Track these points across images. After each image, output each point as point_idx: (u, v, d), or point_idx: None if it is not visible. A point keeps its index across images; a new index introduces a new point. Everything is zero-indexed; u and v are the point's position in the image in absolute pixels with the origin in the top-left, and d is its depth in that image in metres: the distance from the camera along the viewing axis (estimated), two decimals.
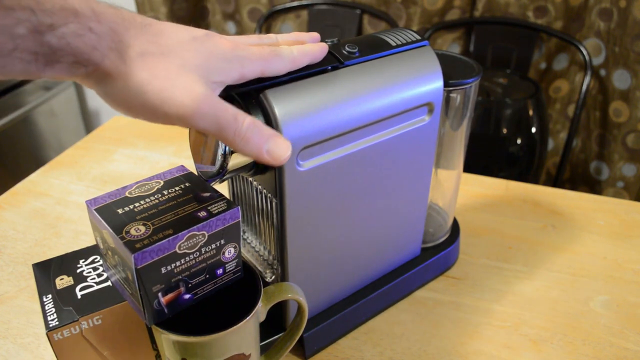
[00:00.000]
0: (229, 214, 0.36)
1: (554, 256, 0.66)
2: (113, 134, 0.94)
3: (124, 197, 0.37)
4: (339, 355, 0.52)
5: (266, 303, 0.41)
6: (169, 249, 0.34)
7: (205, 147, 0.40)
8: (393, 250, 0.56)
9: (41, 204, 0.75)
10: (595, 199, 0.77)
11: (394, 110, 0.45)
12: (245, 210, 0.50)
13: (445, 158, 0.58)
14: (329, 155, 0.43)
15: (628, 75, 1.33)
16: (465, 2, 1.44)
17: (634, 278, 0.62)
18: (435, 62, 0.47)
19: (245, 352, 0.40)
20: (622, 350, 0.53)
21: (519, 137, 1.33)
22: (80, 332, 0.39)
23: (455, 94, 0.53)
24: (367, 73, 0.43)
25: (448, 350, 0.53)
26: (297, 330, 0.46)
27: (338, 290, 0.53)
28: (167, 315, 0.36)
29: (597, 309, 0.58)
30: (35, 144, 1.77)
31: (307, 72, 0.40)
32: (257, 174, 0.43)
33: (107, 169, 0.83)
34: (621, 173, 1.44)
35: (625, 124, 1.38)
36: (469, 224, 0.71)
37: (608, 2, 1.31)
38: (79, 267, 0.44)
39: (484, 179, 0.80)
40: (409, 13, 1.47)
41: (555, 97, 1.50)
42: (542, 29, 1.38)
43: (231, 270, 0.39)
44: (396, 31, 0.48)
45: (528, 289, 0.61)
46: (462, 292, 0.60)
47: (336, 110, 0.41)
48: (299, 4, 1.55)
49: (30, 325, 0.55)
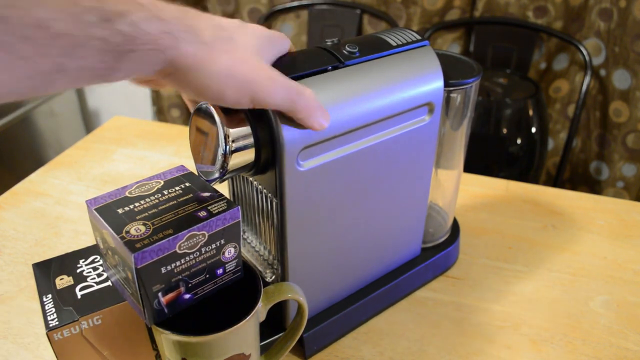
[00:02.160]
0: (229, 214, 0.36)
1: (554, 256, 0.66)
2: (113, 134, 0.94)
3: (124, 197, 0.37)
4: (339, 355, 0.52)
5: (266, 303, 0.41)
6: (169, 249, 0.34)
7: (205, 147, 0.40)
8: (393, 250, 0.56)
9: (41, 203, 0.75)
10: (595, 199, 0.77)
11: (394, 110, 0.45)
12: (245, 210, 0.50)
13: (445, 158, 0.58)
14: (329, 155, 0.43)
15: (628, 75, 1.33)
16: (465, 2, 1.44)
17: (634, 278, 0.62)
18: (436, 62, 0.47)
19: (245, 352, 0.40)
20: (622, 350, 0.53)
21: (519, 137, 1.33)
22: (80, 332, 0.39)
23: (456, 94, 0.53)
24: (368, 73, 0.43)
25: (448, 350, 0.53)
26: (297, 330, 0.46)
27: (338, 290, 0.53)
28: (167, 315, 0.36)
29: (597, 309, 0.58)
30: (35, 144, 1.77)
31: (307, 72, 0.40)
32: (257, 173, 0.43)
33: (107, 169, 0.83)
34: (621, 173, 1.44)
35: (625, 124, 1.38)
36: (469, 224, 0.71)
37: (608, 2, 1.31)
38: (79, 267, 0.44)
39: (484, 179, 0.80)
40: (409, 13, 1.47)
41: (555, 97, 1.50)
42: (542, 29, 1.38)
43: (231, 270, 0.39)
44: (396, 31, 0.48)
45: (528, 289, 0.61)
46: (462, 292, 0.60)
47: (336, 110, 0.41)
48: (299, 4, 1.55)
49: (30, 325, 0.55)
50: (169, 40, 0.30)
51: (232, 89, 0.33)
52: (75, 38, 0.26)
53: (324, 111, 0.38)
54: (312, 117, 0.37)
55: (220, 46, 0.32)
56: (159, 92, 1.79)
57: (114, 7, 0.27)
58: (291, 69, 0.39)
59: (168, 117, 1.83)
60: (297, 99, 0.36)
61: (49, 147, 1.83)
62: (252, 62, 0.34)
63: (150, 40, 0.29)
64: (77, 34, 0.26)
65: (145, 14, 0.29)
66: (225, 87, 0.33)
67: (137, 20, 0.28)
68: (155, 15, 0.29)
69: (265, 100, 0.34)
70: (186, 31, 0.31)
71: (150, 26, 0.29)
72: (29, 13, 0.24)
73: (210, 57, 0.32)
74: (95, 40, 0.27)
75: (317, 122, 0.37)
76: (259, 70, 0.34)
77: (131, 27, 0.28)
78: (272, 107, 0.36)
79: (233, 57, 0.33)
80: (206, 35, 0.32)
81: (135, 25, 0.28)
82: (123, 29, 0.28)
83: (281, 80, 0.35)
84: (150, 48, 0.29)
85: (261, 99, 0.34)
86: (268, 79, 0.34)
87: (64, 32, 0.25)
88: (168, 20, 0.30)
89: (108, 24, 0.27)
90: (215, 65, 0.32)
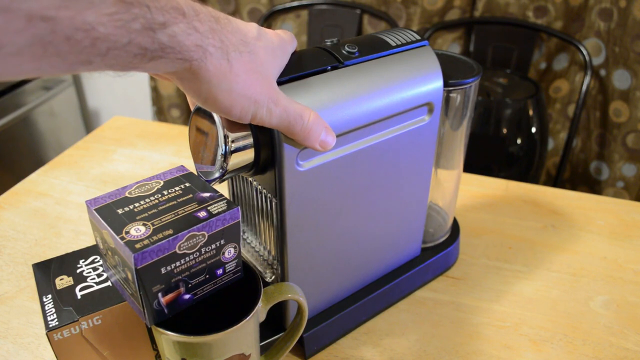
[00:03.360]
0: (229, 214, 0.36)
1: (554, 256, 0.66)
2: (113, 134, 0.94)
3: (124, 197, 0.37)
4: (339, 355, 0.52)
5: (266, 303, 0.41)
6: (169, 249, 0.34)
7: (205, 147, 0.40)
8: (393, 250, 0.56)
9: (41, 204, 0.75)
10: (595, 199, 0.77)
11: (393, 110, 0.45)
12: (245, 210, 0.50)
13: (445, 158, 0.58)
14: (328, 155, 0.43)
15: (628, 75, 1.33)
16: (465, 2, 1.44)
17: (634, 278, 0.62)
18: (435, 62, 0.47)
19: (245, 352, 0.40)
20: (622, 350, 0.53)
21: (519, 137, 1.33)
22: (80, 332, 0.39)
23: (455, 94, 0.53)
24: (367, 73, 0.43)
25: (448, 350, 0.53)
26: (297, 330, 0.46)
27: (338, 290, 0.53)
28: (167, 316, 0.36)
29: (597, 309, 0.58)
30: (35, 144, 1.77)
31: (307, 72, 0.40)
32: (257, 174, 0.43)
33: (107, 169, 0.83)
34: (621, 173, 1.44)
35: (625, 124, 1.38)
36: (469, 224, 0.71)
37: (608, 2, 1.31)
38: (79, 267, 0.44)
39: (484, 179, 0.80)
40: (409, 13, 1.47)
41: (555, 97, 1.50)
42: (542, 29, 1.38)
43: (231, 271, 0.39)
44: (396, 31, 0.48)
45: (528, 289, 0.61)
46: (462, 292, 0.60)
47: (336, 110, 0.41)
48: (299, 4, 1.55)
49: (30, 325, 0.55)
50: (199, 53, 0.30)
51: (239, 107, 0.34)
52: (116, 43, 0.26)
53: (329, 132, 0.39)
54: (308, 140, 0.38)
55: (240, 64, 0.33)
56: (159, 92, 1.79)
57: (160, 16, 0.28)
58: (291, 69, 0.39)
59: (168, 117, 1.83)
60: (294, 123, 0.36)
61: (49, 147, 1.83)
62: (263, 83, 0.34)
63: (183, 51, 0.29)
64: (118, 39, 0.26)
65: (185, 25, 0.29)
66: (234, 104, 0.33)
67: (177, 32, 0.29)
68: (193, 26, 0.30)
69: (263, 120, 0.35)
70: (216, 46, 0.31)
71: (188, 38, 0.29)
72: (79, 15, 0.24)
73: (230, 74, 0.32)
74: (134, 47, 0.27)
75: (313, 144, 0.38)
76: (267, 91, 0.35)
77: (170, 38, 0.28)
78: (269, 126, 0.37)
79: (249, 77, 0.33)
80: (231, 51, 0.32)
81: (175, 36, 0.29)
82: (162, 39, 0.28)
83: (283, 104, 0.36)
84: (180, 57, 0.30)
85: (260, 119, 0.35)
86: (271, 102, 0.35)
87: (105, 36, 0.26)
88: (202, 32, 0.30)
89: (150, 32, 0.27)
90: (232, 82, 0.32)
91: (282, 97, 0.36)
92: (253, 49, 0.34)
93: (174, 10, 0.28)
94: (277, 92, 0.36)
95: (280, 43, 0.38)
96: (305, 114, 0.37)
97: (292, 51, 0.41)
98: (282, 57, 0.38)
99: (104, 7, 0.25)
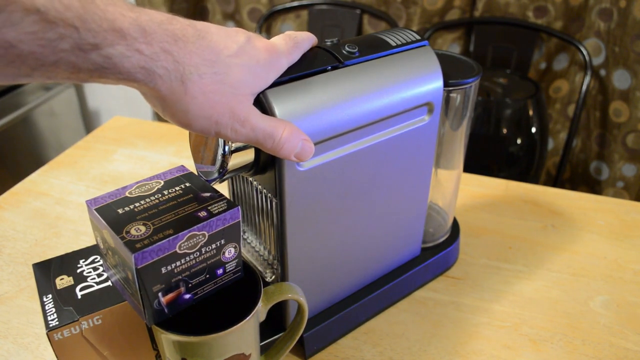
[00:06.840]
0: (229, 214, 0.36)
1: (554, 256, 0.66)
2: (113, 134, 0.94)
3: (124, 197, 0.37)
4: (339, 355, 0.52)
5: (266, 303, 0.41)
6: (169, 249, 0.34)
7: (205, 147, 0.40)
8: (393, 250, 0.56)
9: (41, 204, 0.75)
10: (595, 199, 0.77)
11: (393, 110, 0.45)
12: (245, 210, 0.50)
13: (445, 158, 0.58)
14: (328, 155, 0.43)
15: (628, 75, 1.33)
16: (465, 2, 1.44)
17: (634, 278, 0.62)
18: (435, 62, 0.48)
19: (245, 352, 0.40)
20: (622, 350, 0.53)
21: (519, 137, 1.33)
22: (80, 332, 0.39)
23: (455, 94, 0.53)
24: (367, 73, 0.43)
25: (448, 350, 0.53)
26: (297, 330, 0.46)
27: (338, 290, 0.53)
28: (167, 315, 0.36)
29: (597, 309, 0.58)
30: (35, 144, 1.77)
31: (307, 71, 0.40)
32: (257, 174, 0.43)
33: (107, 169, 0.83)
34: (621, 173, 1.44)
35: (625, 124, 1.38)
36: (469, 224, 0.71)
37: (608, 2, 1.31)
38: (79, 267, 0.44)
39: (484, 179, 0.80)
40: (409, 13, 1.47)
41: (555, 97, 1.50)
42: (542, 29, 1.38)
43: (231, 270, 0.39)
44: (396, 31, 0.48)
45: (528, 289, 0.61)
46: (462, 292, 0.60)
47: (336, 110, 0.41)
48: (299, 4, 1.55)
49: (30, 325, 0.55)
50: (143, 75, 0.30)
51: (198, 127, 0.34)
52: (43, 60, 0.27)
53: (305, 144, 0.37)
54: (280, 155, 0.37)
55: (198, 86, 0.32)
56: None
57: (91, 38, 0.27)
58: (291, 69, 0.39)
59: None
60: (264, 141, 0.36)
61: (49, 147, 1.83)
62: (227, 103, 0.33)
63: (122, 72, 0.29)
64: (46, 57, 0.26)
65: (123, 48, 0.28)
66: (192, 123, 0.33)
67: (114, 53, 0.28)
68: (136, 48, 0.29)
69: (228, 139, 0.35)
70: (168, 68, 0.30)
71: (126, 61, 0.29)
72: None
73: (185, 95, 0.32)
74: (65, 64, 0.27)
75: (288, 158, 0.37)
76: (231, 112, 0.34)
77: (105, 60, 0.28)
78: (236, 143, 0.37)
79: (208, 98, 0.32)
80: (188, 73, 0.31)
81: (110, 58, 0.28)
82: (97, 59, 0.28)
83: (251, 124, 0.35)
84: (123, 78, 0.29)
85: (225, 137, 0.35)
86: (237, 123, 0.34)
87: (29, 53, 0.26)
88: (149, 55, 0.29)
89: (81, 52, 0.27)
90: (188, 104, 0.32)
91: (253, 115, 0.35)
92: (221, 69, 0.33)
93: (111, 32, 0.28)
94: (246, 111, 0.34)
95: (270, 58, 0.36)
96: (276, 133, 0.36)
97: (300, 56, 0.40)
98: (269, 72, 0.37)
99: (25, 26, 0.25)
